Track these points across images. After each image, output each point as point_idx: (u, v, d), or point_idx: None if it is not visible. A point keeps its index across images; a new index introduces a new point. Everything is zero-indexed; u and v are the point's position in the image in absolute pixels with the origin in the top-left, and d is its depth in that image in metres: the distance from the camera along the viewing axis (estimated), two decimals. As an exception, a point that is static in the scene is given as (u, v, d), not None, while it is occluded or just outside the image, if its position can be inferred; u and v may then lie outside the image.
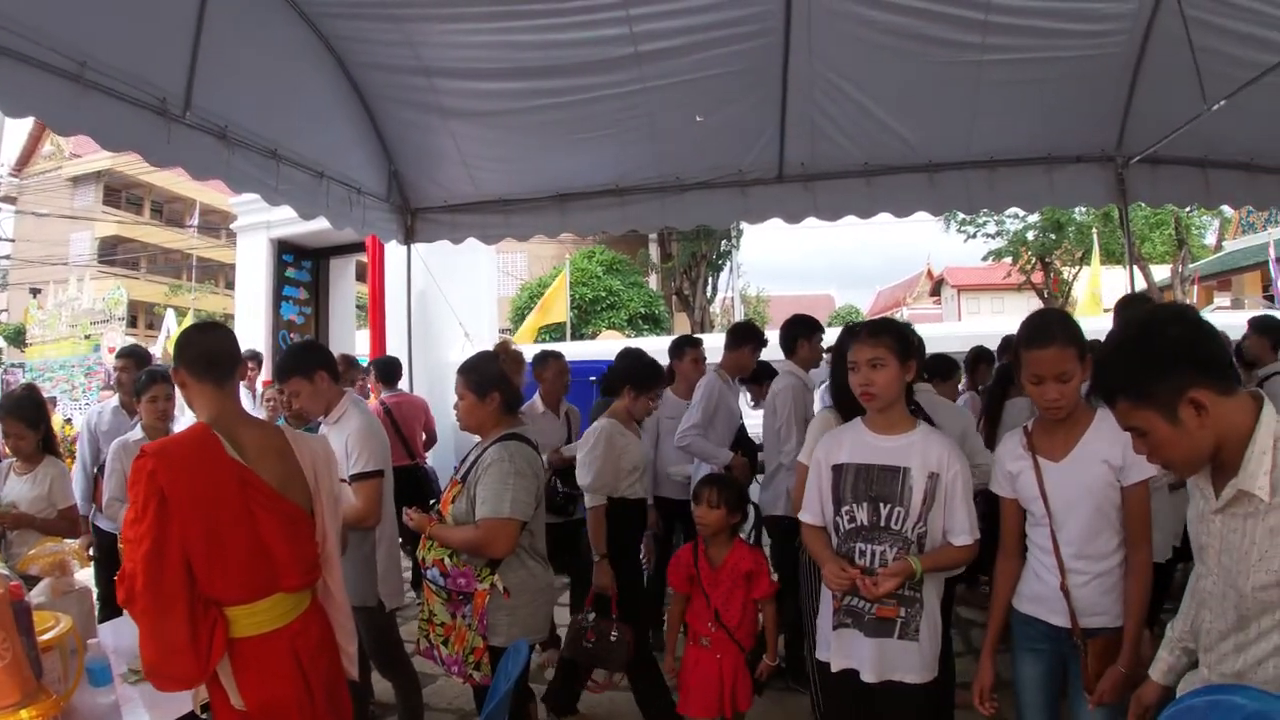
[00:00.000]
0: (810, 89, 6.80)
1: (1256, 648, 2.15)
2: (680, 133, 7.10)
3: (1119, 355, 2.26)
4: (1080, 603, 3.03)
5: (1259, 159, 8.08)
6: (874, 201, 7.58)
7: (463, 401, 4.04)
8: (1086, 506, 3.03)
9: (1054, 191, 7.84)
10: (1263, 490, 2.05)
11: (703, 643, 4.17)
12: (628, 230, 8.10)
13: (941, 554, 3.23)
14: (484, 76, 6.69)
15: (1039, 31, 6.51)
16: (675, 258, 30.71)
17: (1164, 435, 2.13)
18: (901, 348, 3.28)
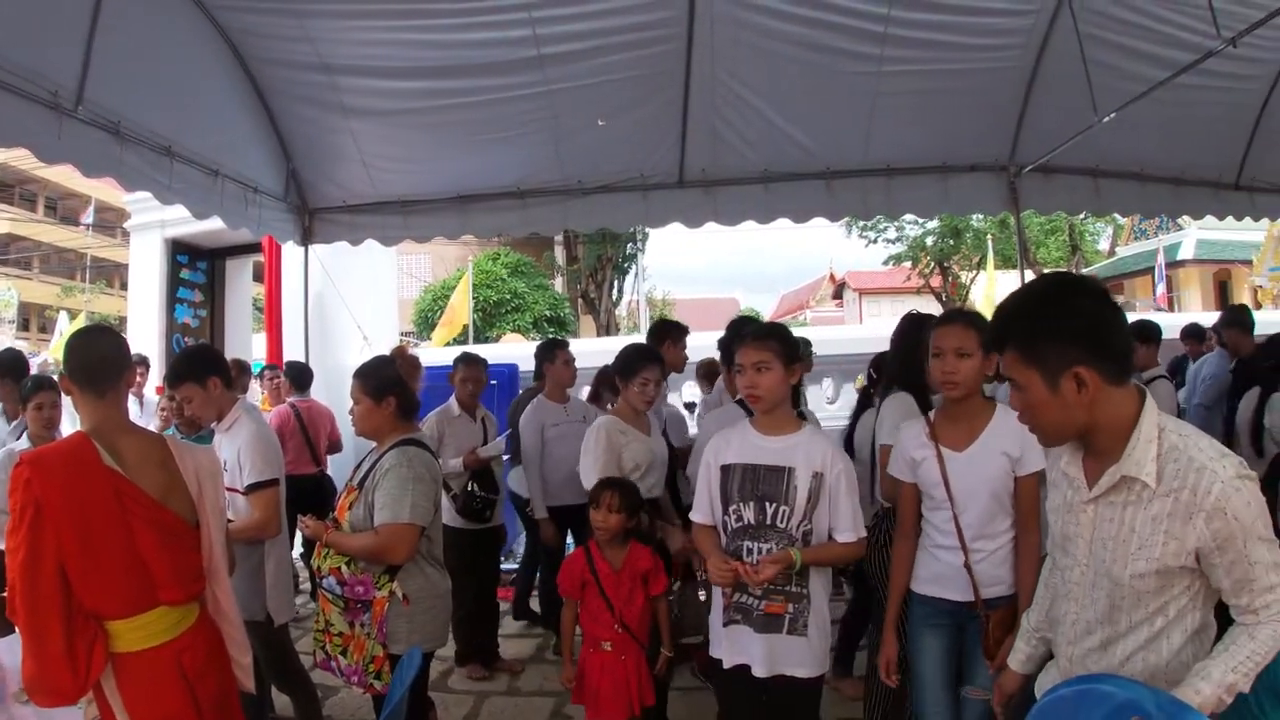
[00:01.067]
0: (712, 95, 6.87)
1: (1126, 641, 2.23)
2: (582, 136, 7.10)
3: (1025, 307, 2.31)
4: (980, 577, 3.27)
5: (1149, 169, 8.43)
6: (773, 207, 7.70)
7: (359, 406, 4.00)
8: (985, 494, 3.27)
9: (948, 199, 8.12)
10: (1150, 476, 2.12)
11: (604, 647, 4.13)
12: (529, 233, 8.07)
13: (825, 549, 3.33)
14: (386, 75, 6.60)
15: (937, 45, 6.69)
16: (581, 260, 30.82)
17: (1039, 397, 2.19)
18: (786, 352, 3.37)
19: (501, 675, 6.06)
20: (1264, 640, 2.07)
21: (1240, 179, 9.04)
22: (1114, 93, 6.63)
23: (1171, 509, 2.10)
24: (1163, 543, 2.11)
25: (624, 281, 33.79)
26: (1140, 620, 2.20)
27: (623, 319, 36.68)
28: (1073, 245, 35.28)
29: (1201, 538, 2.07)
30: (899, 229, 36.12)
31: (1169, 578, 2.14)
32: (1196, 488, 2.06)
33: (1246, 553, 2.05)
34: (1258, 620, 2.09)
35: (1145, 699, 1.89)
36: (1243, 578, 2.08)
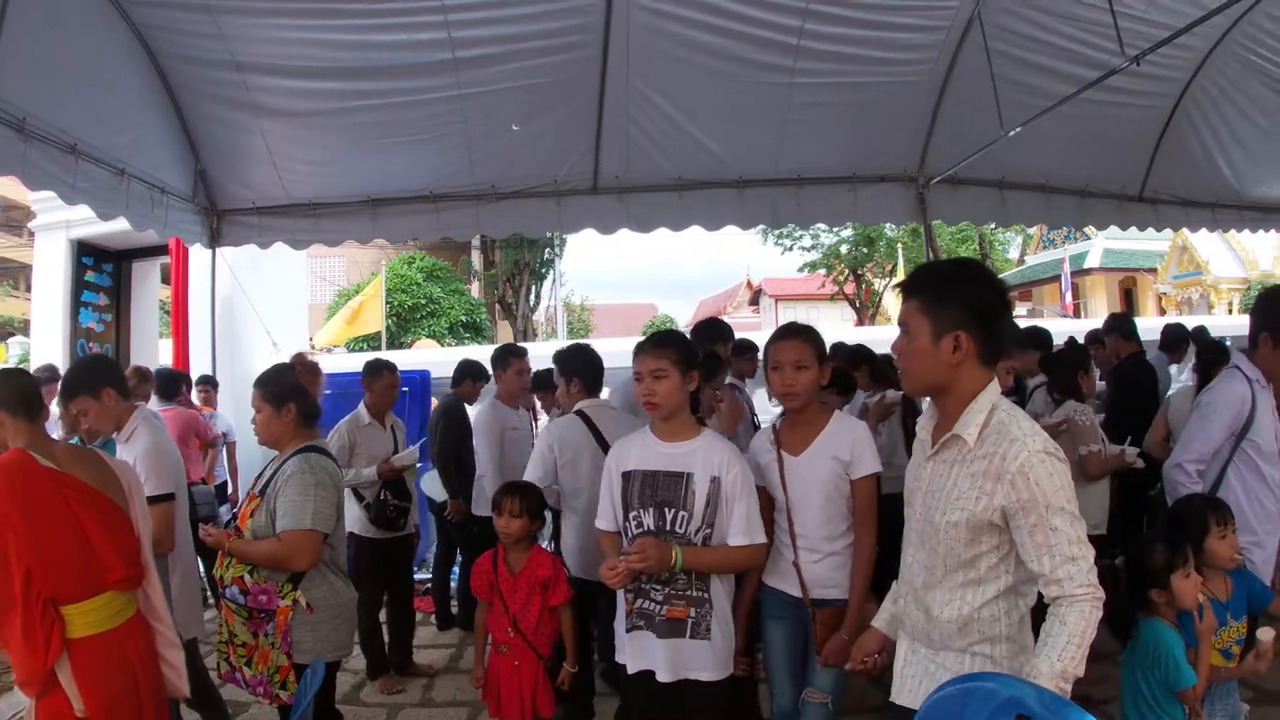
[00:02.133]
0: (626, 103, 6.91)
1: (940, 589, 2.50)
2: (496, 140, 7.07)
3: (942, 271, 2.66)
4: (813, 577, 3.46)
5: (1054, 181, 8.73)
6: (686, 214, 7.77)
7: (260, 415, 3.97)
8: (818, 496, 3.45)
9: (858, 209, 8.31)
10: (970, 437, 2.40)
11: (502, 650, 4.16)
12: (441, 238, 7.96)
13: (712, 552, 3.36)
14: (298, 75, 6.49)
15: (848, 58, 6.83)
16: (498, 265, 30.55)
17: (921, 346, 2.46)
18: (684, 359, 3.41)
19: (415, 687, 5.96)
20: (1075, 621, 2.22)
21: (1144, 191, 9.41)
22: (1021, 107, 6.85)
23: (986, 469, 2.36)
24: (975, 497, 2.37)
25: (541, 287, 33.72)
26: (953, 569, 2.47)
27: (540, 325, 36.54)
28: (983, 254, 36.12)
29: (1007, 498, 2.31)
30: (814, 237, 36.64)
31: (978, 532, 2.39)
32: (1006, 454, 2.32)
33: (1048, 519, 2.28)
34: (1061, 592, 2.26)
35: (1028, 695, 1.94)
36: (1044, 542, 2.28)
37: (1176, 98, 8.57)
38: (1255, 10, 7.46)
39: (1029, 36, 7.11)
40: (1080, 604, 2.23)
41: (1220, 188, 10.04)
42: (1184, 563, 3.24)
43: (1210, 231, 10.85)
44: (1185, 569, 3.24)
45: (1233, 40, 7.98)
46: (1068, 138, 8.13)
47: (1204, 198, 10.11)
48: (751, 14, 6.31)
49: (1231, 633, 3.49)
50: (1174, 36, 5.98)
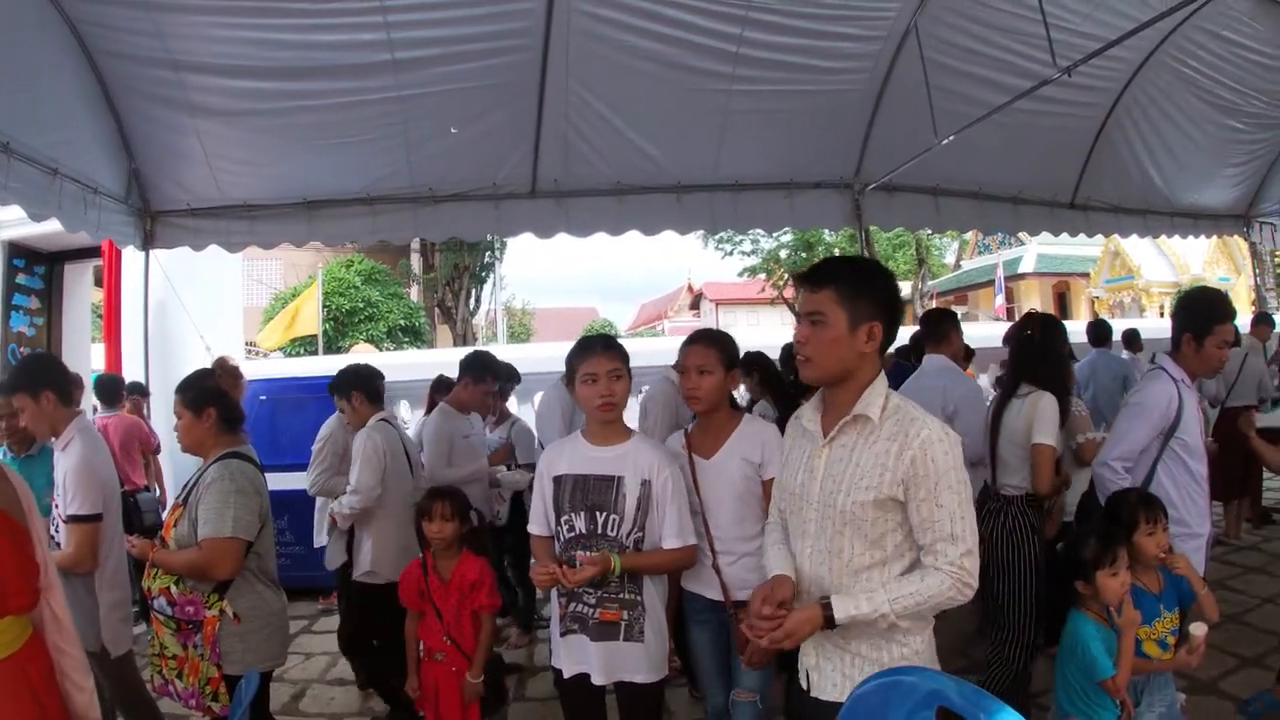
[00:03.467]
0: (565, 107, 6.89)
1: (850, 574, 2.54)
2: (434, 143, 7.01)
3: (856, 265, 2.76)
4: (731, 579, 3.51)
5: (986, 188, 8.91)
6: (624, 219, 7.80)
7: (180, 421, 3.90)
8: (731, 497, 3.53)
9: (794, 214, 8.42)
10: (875, 414, 2.51)
11: (437, 658, 4.15)
12: (377, 241, 7.86)
13: (648, 556, 3.40)
14: (235, 74, 6.35)
15: (787, 66, 6.90)
16: (438, 269, 30.18)
17: (837, 333, 2.53)
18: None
19: (352, 695, 5.90)
20: (931, 584, 2.40)
21: (1076, 198, 9.66)
22: (955, 116, 6.97)
23: (889, 449, 2.46)
24: (879, 475, 2.46)
25: (482, 291, 33.48)
26: (862, 551, 2.52)
27: (481, 329, 36.29)
28: (920, 259, 36.60)
29: (906, 471, 2.43)
30: (754, 242, 36.81)
31: (884, 509, 2.48)
32: (909, 433, 2.45)
33: (936, 495, 2.42)
34: (934, 564, 2.43)
35: (949, 688, 1.96)
36: (928, 517, 2.43)
37: (1109, 108, 8.79)
38: (1187, 24, 7.70)
39: (964, 47, 7.26)
40: (942, 575, 2.40)
41: (1151, 195, 10.35)
42: (1111, 561, 3.32)
43: (1141, 237, 11.08)
44: (1111, 568, 3.32)
45: (1164, 53, 8.22)
46: (1001, 146, 8.30)
47: (1135, 204, 10.42)
48: (692, 21, 6.34)
49: (1165, 624, 3.56)
50: (1104, 49, 6.10)
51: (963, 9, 6.96)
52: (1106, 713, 3.34)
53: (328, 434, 5.95)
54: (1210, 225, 11.74)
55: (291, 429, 7.91)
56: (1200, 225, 11.45)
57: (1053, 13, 6.35)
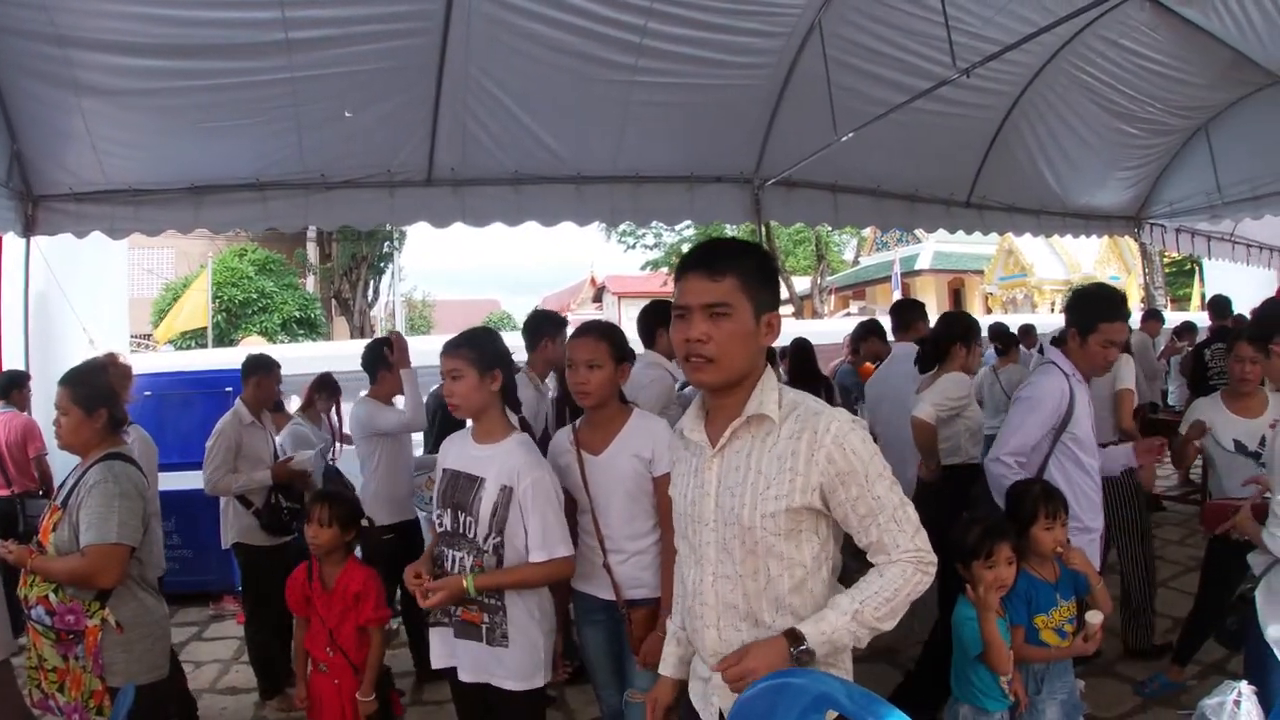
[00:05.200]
0: (464, 94, 6.74)
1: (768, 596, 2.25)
2: (328, 128, 6.78)
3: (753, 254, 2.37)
4: (622, 578, 3.40)
5: (885, 186, 9.09)
6: (522, 209, 7.67)
7: (67, 418, 3.64)
8: (620, 494, 3.39)
9: (694, 208, 8.42)
10: (773, 413, 2.24)
11: (321, 669, 3.97)
12: (267, 229, 7.63)
13: (508, 573, 3.26)
14: (123, 51, 6.03)
15: (690, 59, 6.86)
16: (335, 259, 29.54)
17: (741, 325, 2.21)
18: (482, 360, 3.34)
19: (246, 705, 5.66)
20: (892, 578, 2.18)
21: (971, 197, 9.89)
22: (856, 114, 7.05)
23: (795, 449, 2.19)
24: (789, 479, 2.18)
25: (380, 282, 32.92)
26: (780, 571, 2.24)
27: (379, 320, 35.71)
28: (819, 254, 37.08)
29: (825, 474, 2.16)
30: (657, 235, 36.99)
31: (797, 519, 2.21)
32: (816, 428, 2.18)
33: (869, 487, 2.18)
34: (889, 559, 2.21)
35: (838, 691, 1.90)
36: (868, 512, 2.19)
37: (1007, 110, 8.99)
38: (1087, 32, 7.94)
39: (867, 47, 7.35)
40: (903, 565, 2.20)
41: (1045, 195, 10.66)
42: (986, 555, 3.35)
43: (1035, 236, 11.41)
44: (987, 561, 3.34)
45: (1063, 58, 8.45)
46: (900, 144, 8.44)
47: (1029, 204, 10.74)
48: (595, 10, 6.26)
49: (1062, 613, 3.57)
50: (1002, 52, 6.25)
51: (867, 9, 7.02)
52: (994, 702, 3.37)
53: (221, 429, 5.68)
54: (1102, 226, 12.16)
55: (179, 426, 7.55)
56: (1092, 225, 11.85)
57: (955, 16, 6.45)
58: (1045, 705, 3.54)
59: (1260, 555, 3.34)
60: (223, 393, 7.67)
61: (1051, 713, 3.54)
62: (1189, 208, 11.52)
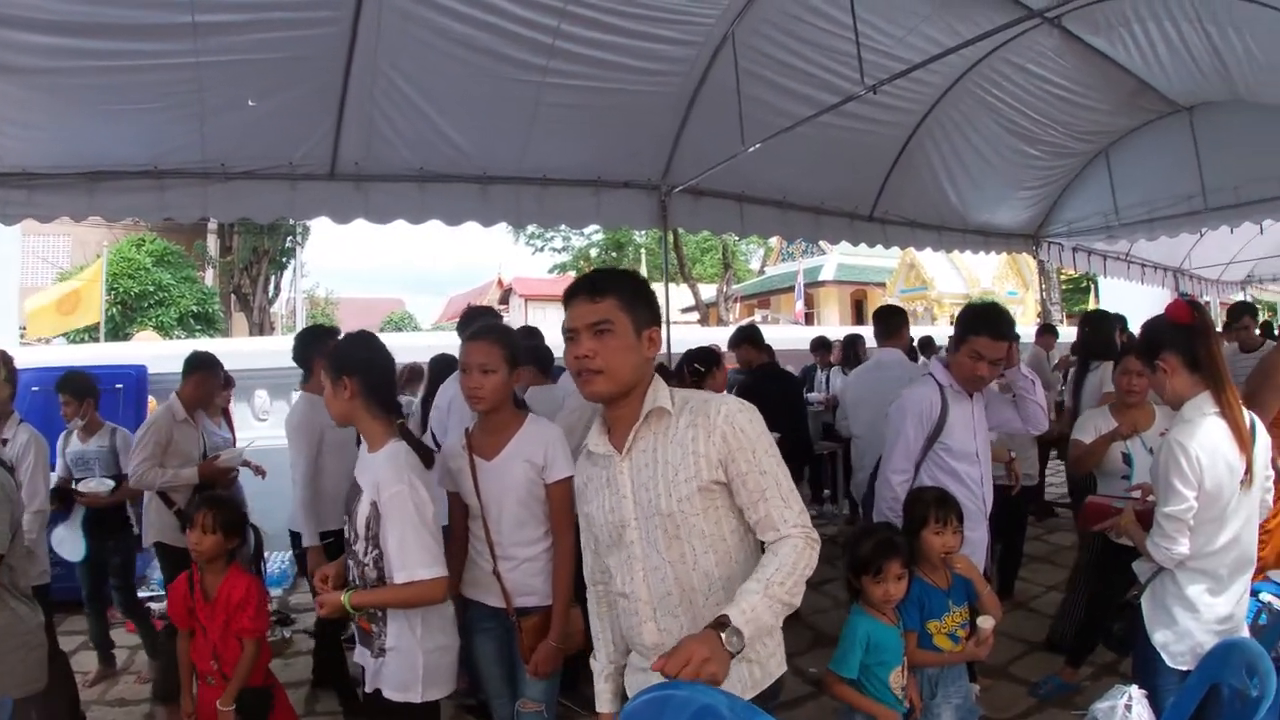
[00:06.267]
0: (372, 87, 6.58)
1: (701, 576, 2.44)
2: (230, 115, 6.49)
3: (629, 275, 2.64)
4: (512, 585, 3.43)
5: (791, 197, 9.23)
6: (426, 207, 7.53)
7: None
8: (512, 501, 3.40)
9: (601, 212, 8.43)
10: (667, 404, 2.47)
11: (209, 681, 3.85)
12: (164, 219, 7.30)
13: (379, 593, 3.20)
14: (16, 25, 5.62)
15: (602, 63, 6.83)
16: (235, 252, 28.75)
17: (624, 342, 2.44)
18: (335, 366, 3.29)
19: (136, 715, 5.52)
20: (788, 553, 2.29)
21: (875, 211, 10.09)
22: (764, 125, 7.16)
23: (693, 434, 2.40)
24: (693, 462, 2.39)
25: (281, 277, 32.23)
26: (705, 550, 2.44)
27: (280, 317, 34.99)
28: (726, 263, 37.49)
29: (720, 450, 2.38)
30: (565, 239, 37.04)
31: (711, 497, 2.42)
32: (708, 413, 2.41)
33: (758, 462, 2.38)
34: (778, 535, 2.35)
35: (720, 703, 1.91)
36: (757, 487, 2.38)
37: (913, 128, 9.18)
38: (995, 55, 8.19)
39: (778, 60, 7.42)
40: (793, 540, 2.32)
41: (946, 212, 10.94)
42: (876, 571, 3.41)
43: (935, 251, 11.65)
44: (876, 577, 3.41)
45: (970, 80, 8.65)
46: (807, 157, 8.58)
47: (931, 220, 11.01)
48: (508, 9, 6.18)
49: (955, 618, 3.67)
50: (908, 71, 6.39)
51: (780, 23, 7.08)
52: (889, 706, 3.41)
53: (153, 421, 5.59)
54: (1001, 243, 12.45)
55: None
56: (992, 243, 12.15)
57: (865, 34, 6.55)
58: (940, 709, 3.65)
59: (1145, 563, 3.45)
60: (113, 390, 7.47)
61: (946, 716, 3.66)
62: (1086, 228, 11.93)
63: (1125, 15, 7.51)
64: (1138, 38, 7.84)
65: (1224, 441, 3.17)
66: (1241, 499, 3.21)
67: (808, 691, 5.22)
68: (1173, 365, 3.30)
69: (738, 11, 6.88)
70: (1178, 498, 3.14)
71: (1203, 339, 3.30)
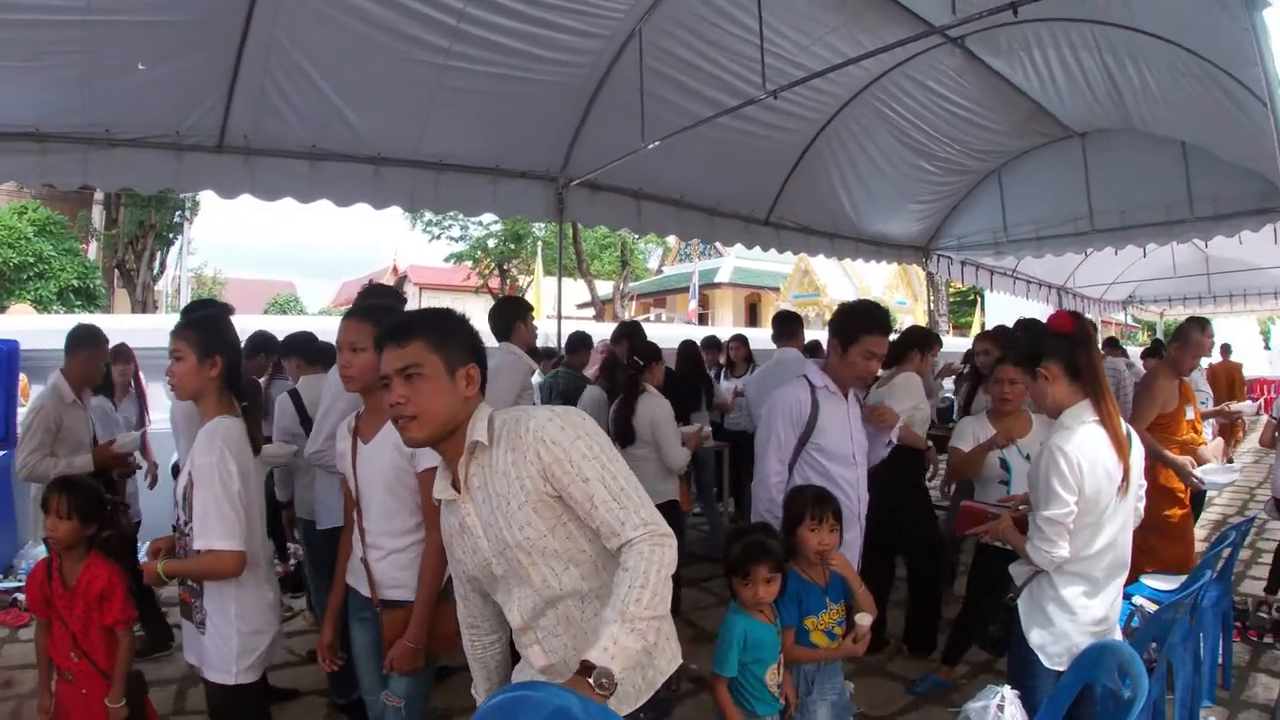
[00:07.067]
0: (268, 59, 6.36)
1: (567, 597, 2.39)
2: (118, 79, 6.16)
3: (435, 313, 2.57)
4: (379, 575, 3.35)
5: (688, 197, 9.33)
6: (316, 186, 7.28)
7: None
8: (380, 486, 3.31)
9: (497, 201, 8.32)
10: (483, 435, 2.37)
11: (67, 677, 3.64)
12: (44, 184, 6.95)
13: (188, 563, 3.19)
14: None
15: (507, 50, 6.77)
16: (121, 225, 27.49)
17: (436, 385, 2.38)
18: (203, 341, 3.26)
19: None
20: (635, 565, 2.19)
21: (770, 216, 10.21)
22: (665, 123, 7.21)
23: (512, 459, 2.32)
24: (519, 488, 2.31)
25: (168, 253, 31.08)
26: (562, 567, 2.37)
27: (164, 295, 33.84)
28: (624, 260, 37.65)
29: (538, 468, 2.29)
30: (464, 228, 36.67)
31: (553, 513, 2.34)
32: (521, 434, 2.33)
33: (577, 471, 2.28)
34: (621, 541, 2.24)
35: (574, 706, 1.89)
36: (584, 497, 2.28)
37: (812, 136, 9.36)
38: (897, 71, 8.44)
39: (684, 59, 7.48)
40: (638, 545, 2.21)
41: (840, 220, 11.15)
42: (744, 574, 3.44)
43: (828, 258, 11.85)
44: (745, 579, 3.44)
45: (872, 93, 8.89)
46: (707, 158, 8.67)
47: (824, 228, 11.23)
48: (415, -15, 6.04)
49: (831, 615, 3.70)
50: (807, 79, 6.56)
51: (688, 22, 7.12)
52: (764, 705, 3.43)
53: (40, 406, 5.19)
54: (893, 253, 12.78)
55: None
56: (883, 252, 12.45)
57: (771, 40, 6.66)
58: (816, 706, 3.68)
59: (1022, 566, 3.51)
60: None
61: (822, 713, 3.68)
62: (976, 243, 12.35)
63: (1027, 40, 7.76)
64: (1038, 63, 8.13)
65: (1103, 449, 3.25)
66: (1118, 505, 3.29)
67: (688, 689, 5.16)
68: (1054, 373, 3.37)
69: (647, 8, 6.90)
70: (1058, 502, 3.20)
71: (1083, 348, 3.38)
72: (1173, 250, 13.30)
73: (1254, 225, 9.18)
